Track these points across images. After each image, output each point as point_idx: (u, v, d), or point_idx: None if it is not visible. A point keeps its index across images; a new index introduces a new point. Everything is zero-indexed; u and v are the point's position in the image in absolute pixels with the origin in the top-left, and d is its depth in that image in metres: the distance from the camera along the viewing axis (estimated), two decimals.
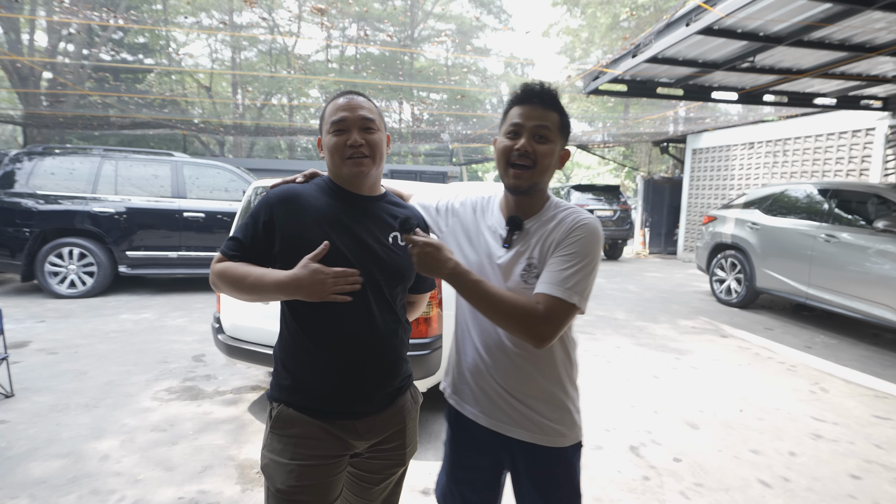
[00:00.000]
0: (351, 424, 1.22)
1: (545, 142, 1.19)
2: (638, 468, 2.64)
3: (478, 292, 1.12)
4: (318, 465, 1.19)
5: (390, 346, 1.27)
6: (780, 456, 2.81)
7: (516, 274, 1.21)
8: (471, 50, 25.16)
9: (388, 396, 1.28)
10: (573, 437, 1.27)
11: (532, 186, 1.21)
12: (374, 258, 1.23)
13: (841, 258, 5.21)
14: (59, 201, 6.18)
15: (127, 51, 18.18)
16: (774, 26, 4.47)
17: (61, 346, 4.37)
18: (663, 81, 6.14)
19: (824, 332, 5.57)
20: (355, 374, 1.21)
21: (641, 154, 18.72)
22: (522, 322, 1.09)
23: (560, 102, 1.23)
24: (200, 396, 3.43)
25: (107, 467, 2.50)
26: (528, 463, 1.26)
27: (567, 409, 1.26)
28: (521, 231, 1.24)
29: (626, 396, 3.62)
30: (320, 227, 1.20)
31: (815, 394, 3.76)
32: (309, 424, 1.20)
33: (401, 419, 1.32)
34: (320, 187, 1.29)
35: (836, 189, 5.63)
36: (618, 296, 7.35)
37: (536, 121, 1.19)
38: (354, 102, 1.25)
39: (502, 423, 1.25)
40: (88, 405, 3.22)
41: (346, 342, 1.20)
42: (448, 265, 1.12)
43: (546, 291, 1.12)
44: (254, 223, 1.22)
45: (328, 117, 1.25)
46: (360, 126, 1.24)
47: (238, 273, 1.17)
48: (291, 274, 1.11)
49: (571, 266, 1.13)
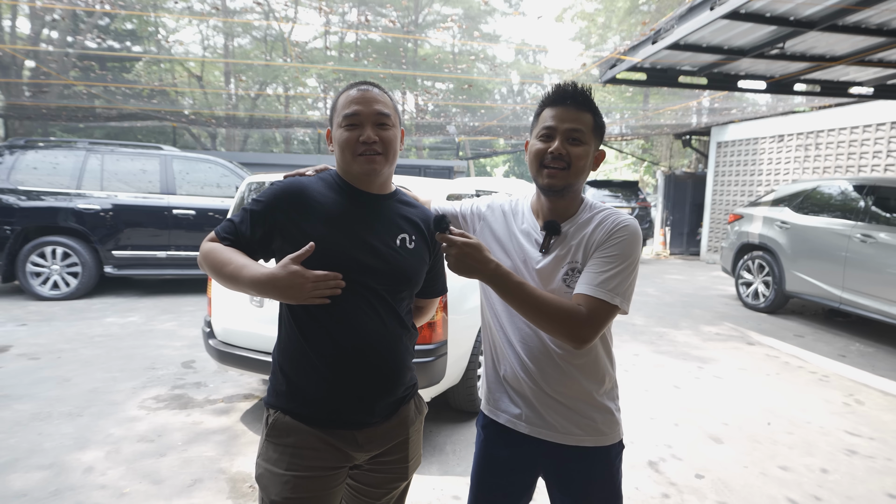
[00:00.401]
0: (350, 435, 1.22)
1: (579, 144, 1.24)
2: (657, 485, 2.63)
3: (521, 294, 1.16)
4: (315, 476, 1.19)
5: (394, 354, 1.27)
6: (811, 473, 2.78)
7: (558, 279, 1.26)
8: (479, 36, 25.15)
9: (390, 406, 1.28)
10: (614, 436, 1.32)
11: (567, 187, 1.26)
12: (379, 261, 1.23)
13: (878, 260, 5.16)
14: (41, 198, 6.24)
15: (114, 38, 18.34)
16: (806, 10, 4.43)
17: (43, 350, 4.41)
18: (686, 69, 6.11)
19: (860, 339, 5.52)
20: (356, 382, 1.21)
21: (662, 147, 18.63)
22: (565, 324, 1.15)
23: (594, 103, 1.27)
24: (190, 405, 3.44)
25: (91, 480, 2.52)
26: (570, 465, 1.31)
27: (608, 409, 1.31)
28: (559, 236, 1.28)
29: (645, 408, 3.60)
30: (324, 225, 1.21)
31: (850, 406, 3.73)
32: (306, 434, 1.20)
33: (403, 430, 1.32)
34: (327, 183, 1.29)
35: (874, 185, 5.57)
36: (636, 299, 7.32)
37: (570, 123, 1.23)
38: (370, 95, 1.25)
39: (543, 428, 1.30)
40: (72, 414, 3.24)
41: (348, 348, 1.20)
42: (490, 265, 1.16)
43: (588, 293, 1.17)
44: (254, 212, 1.23)
45: (340, 109, 1.25)
46: (374, 121, 1.24)
47: (221, 258, 1.18)
48: (269, 272, 1.11)
49: (613, 267, 1.18)
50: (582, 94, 1.25)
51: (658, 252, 13.15)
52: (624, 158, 25.39)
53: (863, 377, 4.32)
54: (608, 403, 1.31)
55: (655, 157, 19.63)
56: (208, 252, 1.21)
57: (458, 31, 24.44)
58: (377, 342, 1.23)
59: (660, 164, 18.34)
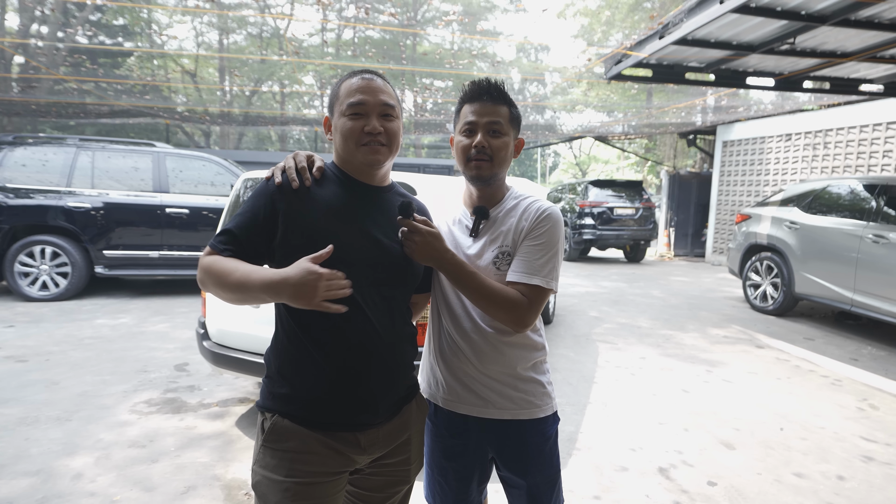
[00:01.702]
0: (353, 437, 1.20)
1: (499, 136, 1.37)
2: (668, 492, 2.59)
3: (472, 283, 1.28)
4: (317, 482, 1.16)
5: (398, 351, 1.27)
6: (826, 480, 2.75)
7: (488, 261, 1.38)
8: (480, 31, 25.15)
9: (392, 406, 1.27)
10: (547, 407, 1.44)
11: (492, 176, 1.39)
12: (384, 254, 1.23)
13: (891, 261, 5.13)
14: (30, 195, 6.19)
15: (105, 33, 18.30)
16: (818, 4, 4.41)
17: (31, 353, 4.36)
18: (692, 66, 6.10)
19: (872, 342, 5.49)
20: (358, 381, 1.19)
21: (666, 147, 18.63)
22: (511, 311, 1.29)
23: (508, 96, 1.41)
24: (183, 409, 3.40)
25: (80, 487, 2.47)
26: (508, 439, 1.41)
27: (538, 382, 1.43)
28: (488, 220, 1.42)
29: (654, 412, 3.57)
30: (328, 218, 1.19)
31: (864, 411, 3.69)
32: (307, 437, 1.17)
33: (406, 430, 1.31)
34: (325, 174, 1.28)
35: (885, 184, 5.55)
36: (641, 302, 7.30)
37: (489, 117, 1.36)
38: (374, 85, 1.25)
39: (477, 406, 1.40)
40: (60, 418, 3.19)
41: (353, 344, 1.18)
42: (448, 254, 1.27)
43: (526, 281, 1.31)
44: (252, 214, 1.19)
45: (344, 98, 1.24)
46: (379, 112, 1.24)
47: (224, 268, 1.13)
48: (281, 273, 1.06)
49: (544, 254, 1.33)
50: (497, 89, 1.38)
51: (662, 253, 13.14)
52: (627, 158, 25.40)
53: (876, 381, 4.29)
54: (538, 377, 1.43)
55: (659, 157, 19.63)
56: (209, 266, 1.16)
57: (459, 27, 24.45)
58: (382, 338, 1.21)
59: (664, 163, 18.33)
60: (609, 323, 5.96)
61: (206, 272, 1.16)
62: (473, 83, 1.40)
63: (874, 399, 3.92)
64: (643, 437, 3.18)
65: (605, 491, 2.60)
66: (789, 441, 3.19)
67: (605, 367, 4.45)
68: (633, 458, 2.93)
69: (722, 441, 3.17)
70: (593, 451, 2.99)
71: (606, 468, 2.82)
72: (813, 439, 3.22)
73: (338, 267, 1.08)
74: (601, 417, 3.47)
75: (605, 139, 16.09)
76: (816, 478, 2.77)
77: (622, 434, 3.23)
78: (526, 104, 18.30)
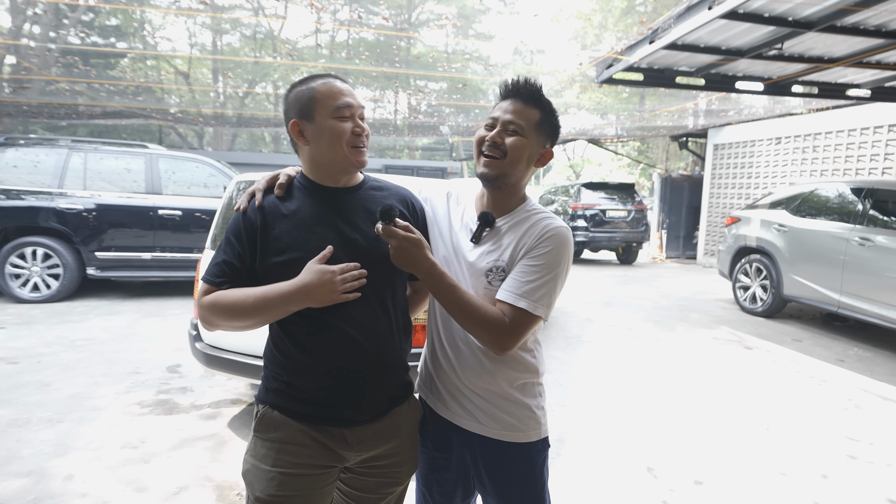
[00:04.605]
0: (339, 432, 1.22)
1: (517, 135, 1.27)
2: (656, 490, 2.63)
3: (451, 296, 1.20)
4: (302, 474, 1.19)
5: (386, 350, 1.27)
6: (810, 478, 2.80)
7: (481, 272, 1.29)
8: (473, 35, 25.23)
9: (380, 405, 1.28)
10: (533, 434, 1.33)
11: (500, 177, 1.29)
12: (362, 254, 1.23)
13: (876, 263, 5.21)
14: (21, 197, 6.16)
15: (98, 34, 18.20)
16: (805, 10, 4.48)
17: (23, 354, 4.35)
18: (683, 70, 6.16)
19: (858, 343, 5.57)
20: (345, 378, 1.21)
21: (658, 149, 18.75)
22: (488, 331, 1.19)
23: (544, 100, 1.30)
24: (175, 410, 3.41)
25: (72, 488, 2.48)
26: (490, 458, 1.33)
27: (526, 405, 1.33)
28: (493, 229, 1.32)
29: (642, 412, 3.61)
30: (299, 230, 1.22)
31: (849, 411, 3.75)
32: (294, 429, 1.20)
33: (396, 433, 1.31)
34: (293, 189, 1.30)
35: (872, 188, 5.64)
36: (632, 303, 7.35)
37: (512, 115, 1.27)
38: (351, 89, 1.28)
39: (459, 416, 1.34)
40: (52, 420, 3.19)
41: (337, 343, 1.20)
42: (426, 263, 1.19)
43: (512, 302, 1.20)
44: (232, 244, 1.23)
45: (327, 100, 1.23)
46: (360, 115, 1.27)
47: (235, 298, 1.16)
48: (297, 282, 1.13)
49: (539, 277, 1.22)
50: (529, 89, 1.29)
51: (654, 256, 13.22)
52: (619, 160, 25.52)
53: (861, 382, 4.36)
54: (525, 399, 1.33)
55: (651, 160, 19.75)
56: (215, 302, 1.17)
57: (453, 30, 24.51)
58: (369, 336, 1.22)
59: (656, 166, 18.45)
60: (600, 324, 6.01)
61: (214, 308, 1.18)
62: (511, 80, 1.32)
63: (859, 399, 3.98)
64: (631, 437, 3.22)
65: (593, 489, 2.63)
66: (775, 440, 3.24)
67: (595, 369, 4.50)
68: (621, 457, 2.97)
69: (709, 440, 3.22)
70: (582, 450, 3.03)
71: (595, 467, 2.86)
72: (798, 439, 3.27)
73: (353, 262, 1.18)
74: (590, 417, 3.51)
75: (597, 142, 16.17)
76: (801, 476, 2.82)
77: (611, 434, 3.27)
78: None
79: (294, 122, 1.25)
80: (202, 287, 1.22)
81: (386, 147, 20.38)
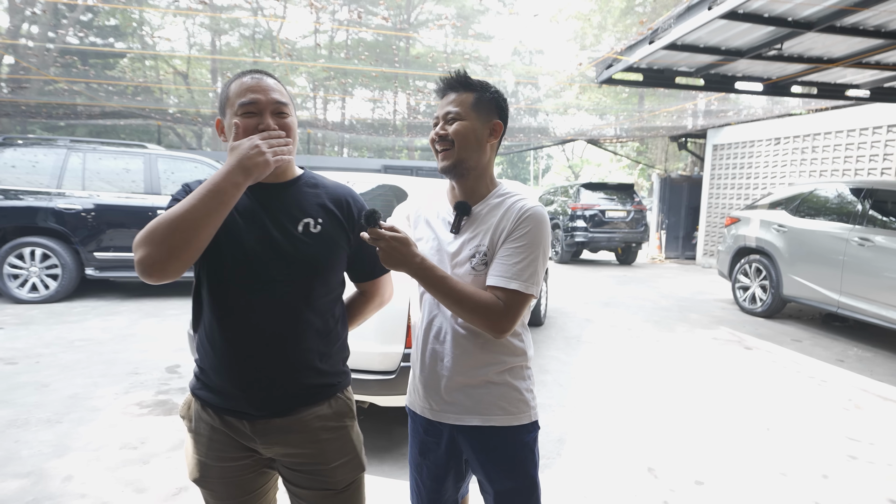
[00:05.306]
0: (240, 423, 1.24)
1: (457, 121, 1.33)
2: (656, 491, 2.63)
3: (444, 288, 1.24)
4: (214, 464, 1.26)
5: (298, 349, 1.23)
6: (811, 478, 2.80)
7: (464, 259, 1.34)
8: (472, 35, 25.24)
9: (282, 402, 1.23)
10: (523, 415, 1.38)
11: (458, 164, 1.34)
12: (277, 252, 1.20)
13: (876, 263, 5.22)
14: (20, 197, 6.15)
15: (96, 34, 18.19)
16: (804, 10, 4.49)
17: (21, 355, 4.34)
18: (682, 70, 6.16)
19: (858, 344, 5.57)
20: (247, 372, 1.21)
21: (657, 150, 18.78)
22: (485, 316, 1.24)
23: (473, 81, 1.36)
24: (175, 411, 3.40)
25: (71, 489, 2.47)
26: (481, 444, 1.38)
27: (514, 387, 1.38)
28: (470, 216, 1.38)
29: (642, 413, 3.61)
30: (232, 223, 1.18)
31: (849, 411, 3.76)
32: (204, 418, 1.27)
33: (308, 432, 1.25)
34: None
35: (871, 188, 5.64)
36: (631, 304, 7.35)
37: (446, 107, 1.35)
38: (265, 84, 1.22)
39: (450, 413, 1.38)
40: (51, 420, 3.18)
41: (244, 337, 1.21)
42: (416, 259, 1.22)
43: (504, 285, 1.26)
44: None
45: (234, 97, 1.20)
46: (273, 110, 1.21)
47: (173, 210, 1.05)
48: (230, 160, 1.10)
49: (526, 258, 1.27)
50: (455, 79, 1.36)
51: (653, 256, 13.23)
52: (618, 161, 25.54)
53: (861, 382, 4.36)
54: (514, 382, 1.37)
55: (650, 160, 19.77)
56: (154, 224, 1.05)
57: (452, 30, 24.52)
58: (273, 334, 1.21)
59: (655, 166, 18.47)
60: (600, 324, 6.01)
61: (156, 228, 1.04)
62: (439, 79, 1.39)
63: (859, 399, 3.98)
64: (632, 437, 3.22)
65: (593, 490, 2.63)
66: (775, 441, 3.24)
67: (593, 369, 4.49)
68: (621, 458, 2.97)
69: (709, 441, 3.21)
70: (582, 451, 3.03)
71: (595, 467, 2.85)
72: (798, 439, 3.27)
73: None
74: (590, 418, 3.50)
75: (596, 142, 16.19)
76: (801, 476, 2.82)
77: (611, 434, 3.26)
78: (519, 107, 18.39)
79: (218, 119, 1.27)
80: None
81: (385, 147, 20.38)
